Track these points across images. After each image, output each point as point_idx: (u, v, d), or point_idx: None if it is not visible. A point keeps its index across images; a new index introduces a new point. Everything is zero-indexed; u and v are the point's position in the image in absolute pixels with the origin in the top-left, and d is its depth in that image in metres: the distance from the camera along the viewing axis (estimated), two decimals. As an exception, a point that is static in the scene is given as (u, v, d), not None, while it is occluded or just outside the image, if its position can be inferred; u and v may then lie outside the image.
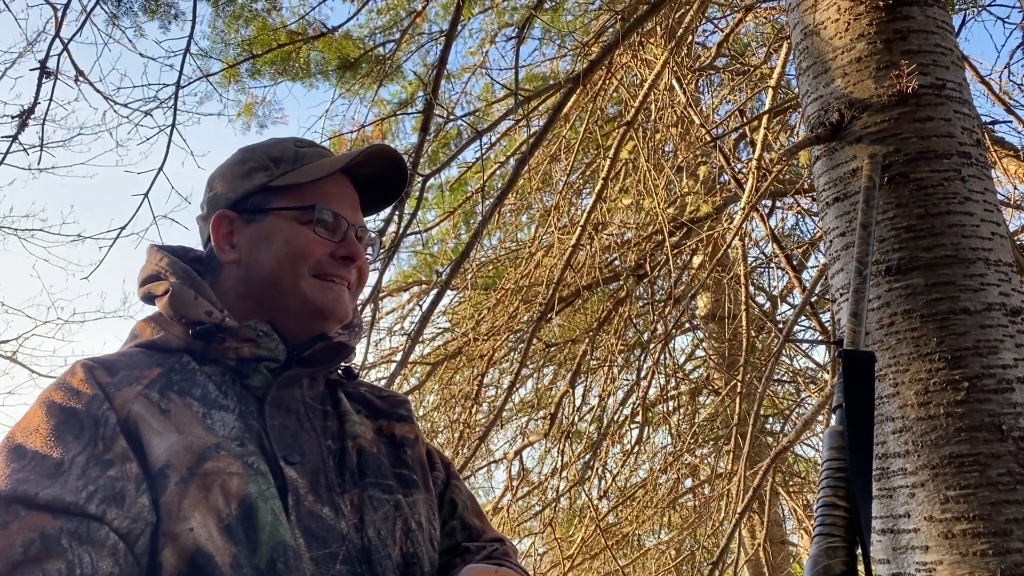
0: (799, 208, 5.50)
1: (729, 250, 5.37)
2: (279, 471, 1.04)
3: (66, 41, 3.49)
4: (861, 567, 1.39)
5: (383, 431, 1.25)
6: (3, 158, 3.45)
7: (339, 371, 1.26)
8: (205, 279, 1.17)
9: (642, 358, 6.13)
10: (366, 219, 1.30)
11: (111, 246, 3.79)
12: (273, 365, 1.12)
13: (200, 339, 1.09)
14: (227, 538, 0.95)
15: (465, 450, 5.21)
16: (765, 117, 4.42)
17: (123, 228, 3.73)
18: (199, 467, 0.98)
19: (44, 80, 3.28)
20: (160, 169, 3.66)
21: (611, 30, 4.61)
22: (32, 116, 3.30)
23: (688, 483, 7.15)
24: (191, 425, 1.02)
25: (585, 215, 4.70)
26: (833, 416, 1.52)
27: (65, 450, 0.94)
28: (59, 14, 3.54)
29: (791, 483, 6.94)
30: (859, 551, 1.37)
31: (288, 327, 1.15)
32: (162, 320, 1.13)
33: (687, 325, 7.33)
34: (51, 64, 3.42)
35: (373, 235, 1.26)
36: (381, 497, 1.13)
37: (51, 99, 3.48)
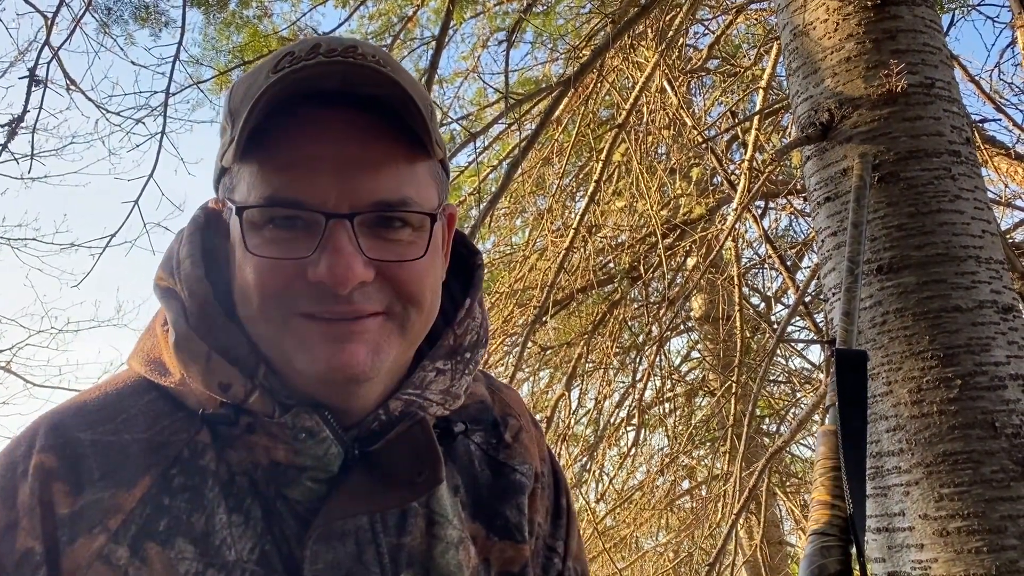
0: (792, 209, 5.51)
1: (723, 251, 5.38)
2: None
3: (55, 48, 3.49)
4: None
5: (483, 546, 0.80)
6: (-7, 167, 3.44)
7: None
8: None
9: (638, 360, 6.13)
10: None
11: (100, 255, 3.81)
12: (322, 476, 0.72)
13: (215, 424, 0.72)
14: None
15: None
16: (756, 118, 4.43)
17: (112, 236, 3.74)
18: None
19: (34, 88, 3.27)
20: (150, 176, 3.66)
21: (602, 33, 4.62)
22: (21, 124, 3.29)
23: (685, 485, 7.15)
24: None
25: (579, 218, 4.71)
26: (827, 415, 1.53)
27: None
28: (49, 21, 3.54)
29: (788, 483, 6.94)
30: (853, 549, 1.37)
31: None
32: None
33: (682, 327, 7.33)
34: (41, 72, 3.41)
35: (409, 210, 0.71)
36: None
37: (41, 107, 3.48)
